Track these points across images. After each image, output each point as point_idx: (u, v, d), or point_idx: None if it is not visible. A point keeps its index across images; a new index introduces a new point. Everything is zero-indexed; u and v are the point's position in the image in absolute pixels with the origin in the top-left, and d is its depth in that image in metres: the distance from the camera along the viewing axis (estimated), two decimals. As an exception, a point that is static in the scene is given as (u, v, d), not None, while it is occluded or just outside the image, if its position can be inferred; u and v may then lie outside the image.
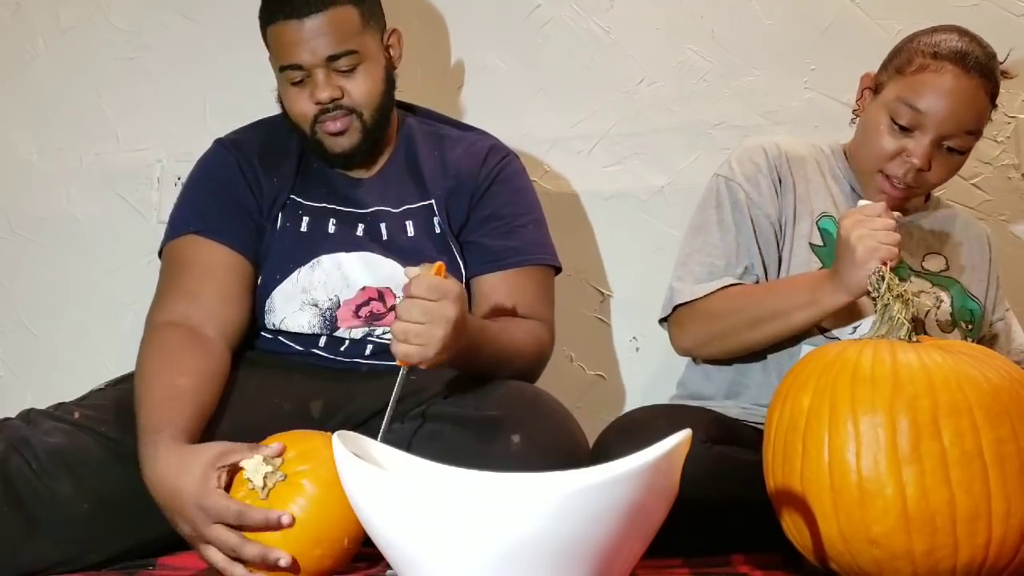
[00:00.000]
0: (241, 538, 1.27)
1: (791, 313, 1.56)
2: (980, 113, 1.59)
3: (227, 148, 1.70)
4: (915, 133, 1.58)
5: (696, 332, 1.65)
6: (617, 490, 0.99)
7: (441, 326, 1.34)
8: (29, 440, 1.39)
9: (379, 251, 1.63)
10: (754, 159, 1.69)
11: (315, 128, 1.62)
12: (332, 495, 1.25)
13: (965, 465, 1.16)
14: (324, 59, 1.59)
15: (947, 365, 1.21)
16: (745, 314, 1.60)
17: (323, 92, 1.60)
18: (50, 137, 2.19)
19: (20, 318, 2.19)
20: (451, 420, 1.44)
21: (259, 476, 1.29)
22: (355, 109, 1.62)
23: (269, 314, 1.62)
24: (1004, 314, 1.79)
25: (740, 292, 1.62)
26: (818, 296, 1.53)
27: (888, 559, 1.18)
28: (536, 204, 1.75)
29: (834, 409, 1.20)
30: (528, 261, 1.67)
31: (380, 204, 1.67)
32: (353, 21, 1.61)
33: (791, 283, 1.61)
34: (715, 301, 1.62)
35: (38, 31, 2.20)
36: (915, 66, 1.59)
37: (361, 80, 1.62)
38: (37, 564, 1.36)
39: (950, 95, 1.56)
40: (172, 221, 1.66)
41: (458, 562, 1.02)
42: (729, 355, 1.66)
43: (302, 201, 1.67)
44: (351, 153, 1.64)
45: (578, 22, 2.08)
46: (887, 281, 1.30)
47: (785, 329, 1.57)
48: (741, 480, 1.39)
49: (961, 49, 1.57)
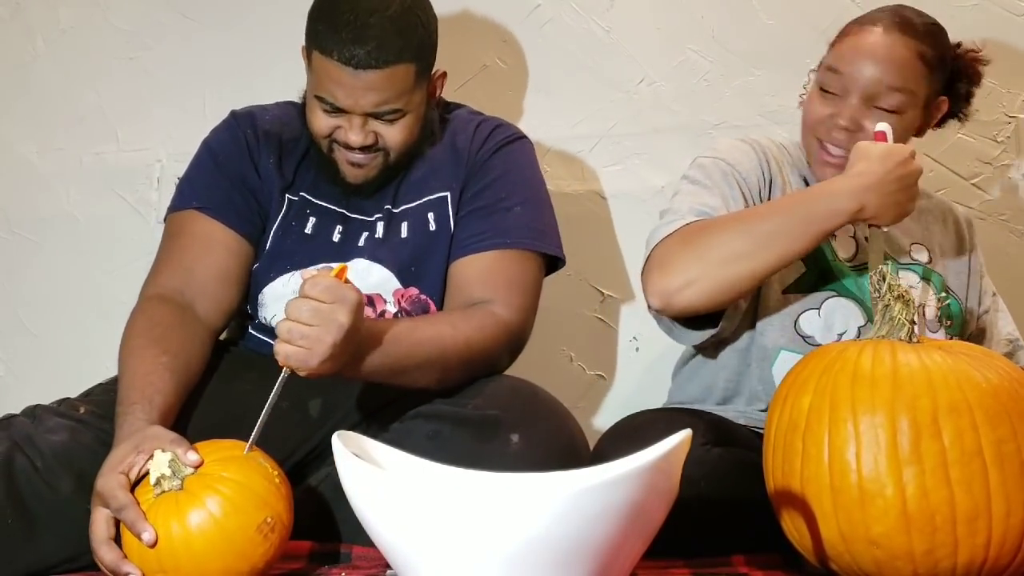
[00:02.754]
0: (107, 536, 1.25)
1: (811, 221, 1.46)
2: (904, 70, 1.56)
3: (238, 121, 1.67)
4: (843, 97, 1.57)
5: (682, 261, 1.46)
6: (617, 490, 0.99)
7: (331, 332, 1.26)
8: (33, 439, 1.39)
9: (370, 256, 1.60)
10: (739, 148, 1.65)
11: (333, 146, 1.57)
12: (201, 537, 1.21)
13: (965, 465, 1.16)
14: (366, 111, 1.52)
15: (947, 365, 1.21)
16: (747, 230, 1.47)
17: (356, 137, 1.53)
18: (50, 137, 2.19)
19: (20, 318, 2.19)
20: (450, 420, 1.44)
21: (156, 472, 1.24)
22: (384, 148, 1.57)
23: (261, 308, 1.62)
24: (990, 304, 1.74)
25: (723, 217, 1.52)
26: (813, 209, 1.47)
27: (888, 559, 1.18)
28: (535, 187, 1.66)
29: (834, 409, 1.20)
30: (506, 244, 1.57)
31: (384, 207, 1.63)
32: (408, 80, 1.52)
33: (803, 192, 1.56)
34: (699, 224, 1.50)
35: (38, 31, 2.20)
36: (841, 34, 1.62)
37: (398, 131, 1.55)
38: (39, 563, 1.36)
39: (870, 53, 1.56)
40: (179, 190, 1.65)
41: (458, 562, 1.02)
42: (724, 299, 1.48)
43: (312, 200, 1.63)
44: (364, 186, 1.59)
45: (578, 22, 2.08)
46: (888, 281, 1.29)
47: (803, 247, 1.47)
48: (741, 482, 1.39)
49: (886, 15, 1.59)
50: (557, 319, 2.00)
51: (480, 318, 1.51)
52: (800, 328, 1.60)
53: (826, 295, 1.60)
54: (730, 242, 1.46)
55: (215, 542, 1.22)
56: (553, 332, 2.00)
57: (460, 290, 1.57)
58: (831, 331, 1.59)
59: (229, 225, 1.59)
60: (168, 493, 1.24)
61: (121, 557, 1.25)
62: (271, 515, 1.24)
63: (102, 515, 1.27)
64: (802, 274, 1.62)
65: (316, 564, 1.35)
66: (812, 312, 1.60)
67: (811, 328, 1.60)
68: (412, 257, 1.60)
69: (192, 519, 1.22)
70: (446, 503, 1.01)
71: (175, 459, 1.25)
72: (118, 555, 1.25)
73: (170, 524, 1.22)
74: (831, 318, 1.59)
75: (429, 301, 1.61)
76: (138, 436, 1.30)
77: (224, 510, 1.22)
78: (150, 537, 1.21)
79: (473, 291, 1.55)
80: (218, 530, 1.22)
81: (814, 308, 1.60)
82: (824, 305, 1.60)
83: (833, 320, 1.59)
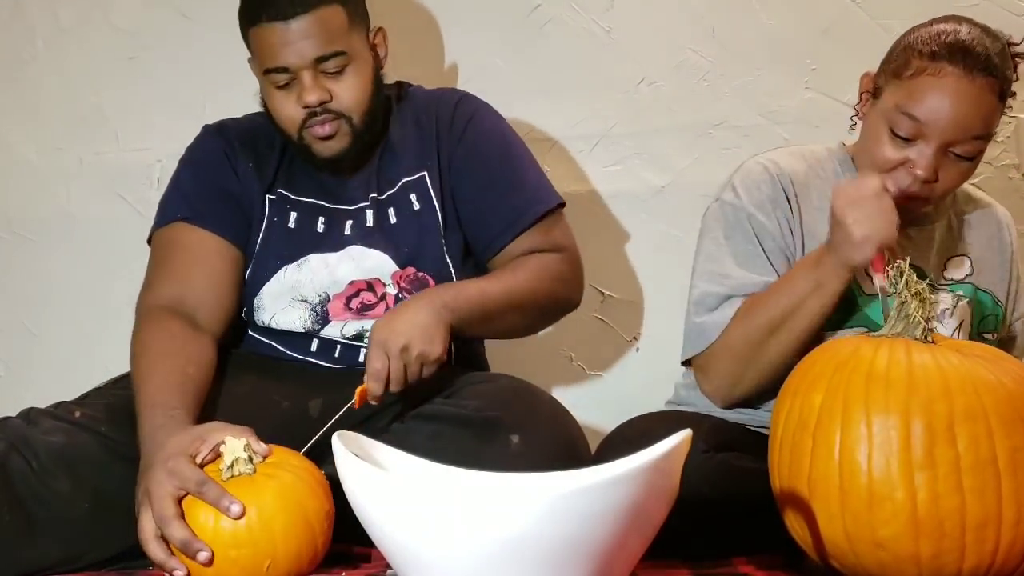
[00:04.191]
0: (178, 514, 1.25)
1: (802, 303, 1.47)
2: (988, 116, 1.47)
3: (212, 133, 1.70)
4: (917, 143, 1.47)
5: (724, 369, 1.54)
6: (617, 490, 0.99)
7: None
8: (29, 439, 1.39)
9: (363, 243, 1.63)
10: (760, 186, 1.59)
11: (302, 133, 1.59)
12: (279, 517, 1.24)
13: (979, 472, 1.15)
14: (311, 61, 1.55)
15: (963, 368, 1.19)
16: (761, 324, 1.50)
17: (311, 95, 1.56)
18: (50, 137, 2.19)
19: (20, 318, 2.19)
20: (451, 420, 1.44)
21: (232, 456, 1.27)
22: (344, 113, 1.58)
23: (259, 312, 1.62)
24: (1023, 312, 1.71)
25: (748, 306, 1.52)
26: (821, 277, 1.46)
27: (893, 562, 1.17)
28: (520, 147, 1.72)
29: (847, 408, 1.18)
30: (526, 225, 1.64)
31: (368, 195, 1.65)
32: (340, 21, 1.56)
33: (790, 275, 1.52)
34: (730, 329, 1.53)
35: (38, 31, 2.19)
36: (912, 70, 1.47)
37: (350, 82, 1.58)
38: (36, 563, 1.36)
39: (951, 100, 1.44)
40: (161, 208, 1.67)
41: (458, 562, 1.02)
42: (767, 382, 1.52)
43: (290, 195, 1.66)
44: (340, 157, 1.61)
45: (578, 22, 2.08)
46: (905, 277, 1.25)
47: (804, 325, 1.48)
48: (744, 489, 1.38)
49: (962, 46, 1.44)
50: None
51: (534, 262, 1.61)
52: None
53: (854, 329, 1.56)
54: (763, 341, 1.50)
55: (295, 522, 1.25)
56: (553, 332, 1.99)
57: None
58: None
59: (217, 232, 1.61)
60: (241, 476, 1.27)
61: (170, 555, 1.26)
62: (331, 506, 1.29)
63: (167, 499, 1.26)
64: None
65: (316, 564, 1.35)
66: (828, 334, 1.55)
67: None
68: (404, 239, 1.63)
69: (272, 500, 1.25)
70: (446, 503, 1.01)
71: (249, 445, 1.28)
72: (189, 533, 1.25)
73: (249, 503, 1.24)
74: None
75: (427, 277, 1.63)
76: (199, 428, 1.33)
77: (302, 492, 1.27)
78: (238, 510, 1.23)
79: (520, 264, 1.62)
80: (299, 511, 1.26)
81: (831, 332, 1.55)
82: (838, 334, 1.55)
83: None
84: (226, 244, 1.61)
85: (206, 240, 1.60)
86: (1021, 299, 1.71)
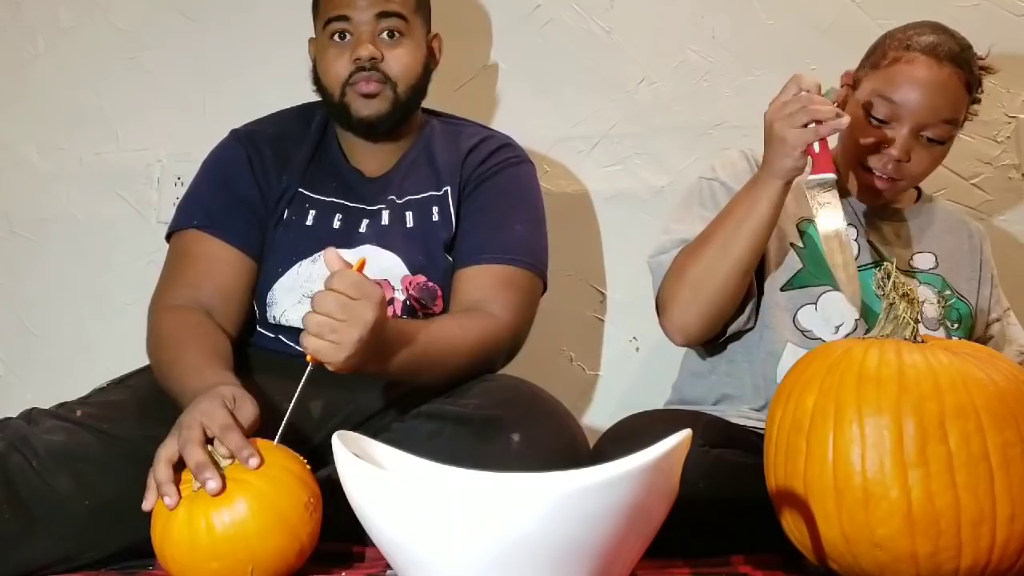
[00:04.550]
0: (202, 441, 1.25)
1: (743, 222, 1.53)
2: (955, 102, 1.61)
3: (240, 140, 1.71)
4: (892, 125, 1.60)
5: (677, 295, 1.59)
6: (617, 490, 0.99)
7: (358, 327, 1.29)
8: (29, 438, 1.39)
9: (377, 243, 1.63)
10: (735, 163, 1.71)
11: (346, 90, 1.63)
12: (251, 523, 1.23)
13: (971, 468, 1.15)
14: (373, 16, 1.61)
15: (953, 367, 1.20)
16: (706, 247, 1.56)
17: (364, 49, 1.61)
18: (50, 137, 2.19)
19: (20, 318, 2.19)
20: (451, 419, 1.44)
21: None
22: (390, 77, 1.63)
23: (270, 307, 1.63)
24: (1002, 314, 1.78)
25: (696, 237, 1.60)
26: (756, 192, 1.53)
27: (891, 561, 1.17)
28: (536, 209, 1.72)
29: (839, 409, 1.19)
30: (507, 260, 1.62)
31: (387, 197, 1.67)
32: None
33: (731, 201, 1.60)
34: (680, 255, 1.60)
35: (38, 31, 2.20)
36: (888, 59, 1.63)
37: (402, 52, 1.64)
38: (36, 561, 1.36)
39: (924, 85, 1.59)
40: (180, 209, 1.69)
41: (458, 562, 1.02)
42: (717, 309, 1.58)
43: (310, 194, 1.67)
44: (377, 121, 1.64)
45: (578, 22, 2.08)
46: (893, 279, 1.27)
47: (745, 244, 1.53)
48: (739, 484, 1.38)
49: (932, 41, 1.61)
50: (557, 319, 2.00)
51: (481, 319, 1.56)
52: (799, 323, 1.64)
53: (822, 290, 1.64)
54: (712, 266, 1.55)
55: (269, 524, 1.24)
56: (553, 332, 2.00)
57: (464, 296, 1.61)
58: (828, 324, 1.63)
59: (231, 242, 1.63)
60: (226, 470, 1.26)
61: (170, 481, 1.25)
62: (311, 495, 1.28)
63: (196, 429, 1.26)
64: (798, 271, 1.66)
65: (316, 564, 1.35)
66: (809, 307, 1.64)
67: (809, 322, 1.63)
68: (420, 245, 1.64)
69: (242, 507, 1.23)
70: (446, 503, 1.01)
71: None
72: (169, 477, 1.25)
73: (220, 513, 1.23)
74: (827, 311, 1.63)
75: (437, 289, 1.64)
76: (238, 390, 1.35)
77: (272, 493, 1.25)
78: (256, 462, 1.25)
79: (475, 296, 1.59)
80: (272, 511, 1.24)
81: (811, 303, 1.64)
82: (820, 300, 1.64)
83: (830, 313, 1.63)
84: (239, 254, 1.63)
85: (219, 250, 1.62)
86: (998, 304, 1.78)
